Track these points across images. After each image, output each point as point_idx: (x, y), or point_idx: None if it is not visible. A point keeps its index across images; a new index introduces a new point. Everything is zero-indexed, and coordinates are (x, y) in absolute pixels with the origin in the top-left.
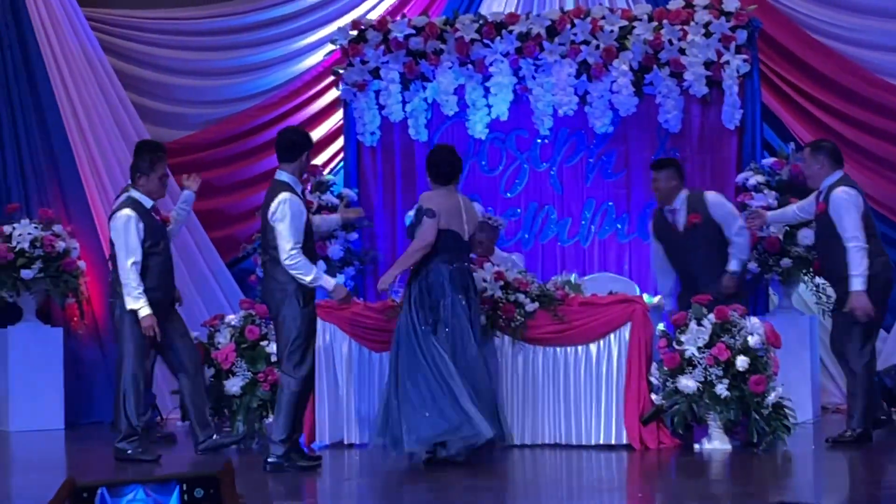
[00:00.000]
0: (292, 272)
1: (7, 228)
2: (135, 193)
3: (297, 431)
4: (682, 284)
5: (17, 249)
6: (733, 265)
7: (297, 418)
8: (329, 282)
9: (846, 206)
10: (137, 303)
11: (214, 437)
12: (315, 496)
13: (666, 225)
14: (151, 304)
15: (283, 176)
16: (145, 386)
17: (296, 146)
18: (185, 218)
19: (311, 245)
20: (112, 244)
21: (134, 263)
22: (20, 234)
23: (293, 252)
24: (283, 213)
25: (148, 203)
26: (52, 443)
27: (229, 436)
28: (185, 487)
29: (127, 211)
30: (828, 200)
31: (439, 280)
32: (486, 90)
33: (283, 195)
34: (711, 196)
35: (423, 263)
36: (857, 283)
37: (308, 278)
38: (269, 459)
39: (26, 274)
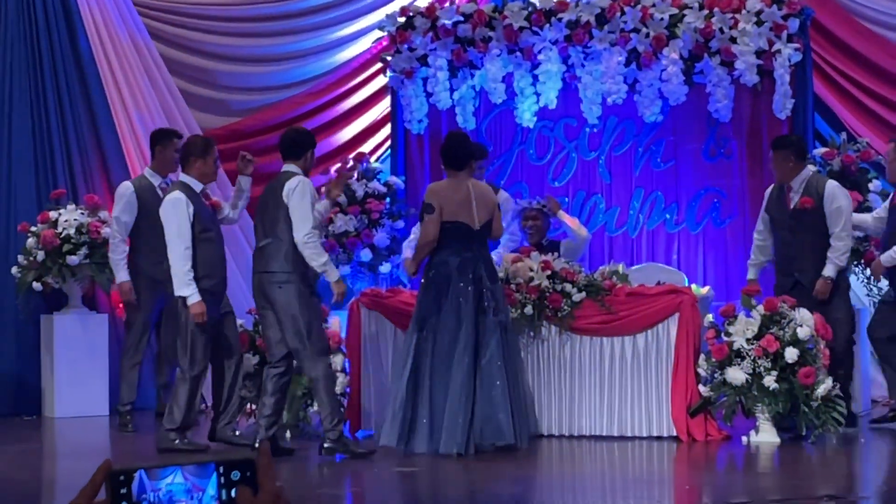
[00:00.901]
0: (307, 252)
1: (53, 214)
2: (185, 177)
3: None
4: (779, 266)
5: (63, 235)
6: (828, 270)
7: (339, 400)
8: (335, 272)
9: None
10: (188, 288)
11: (237, 432)
12: (360, 484)
13: (779, 201)
14: (203, 291)
15: (292, 168)
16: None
17: (299, 145)
18: (245, 202)
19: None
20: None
21: (186, 248)
22: (66, 221)
23: (312, 232)
24: (303, 193)
25: (198, 187)
26: (96, 429)
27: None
28: (222, 470)
29: (177, 193)
30: None
31: (446, 272)
32: (535, 78)
33: (299, 177)
34: (831, 186)
35: (431, 256)
36: None
37: (321, 260)
38: (326, 445)
39: (72, 260)
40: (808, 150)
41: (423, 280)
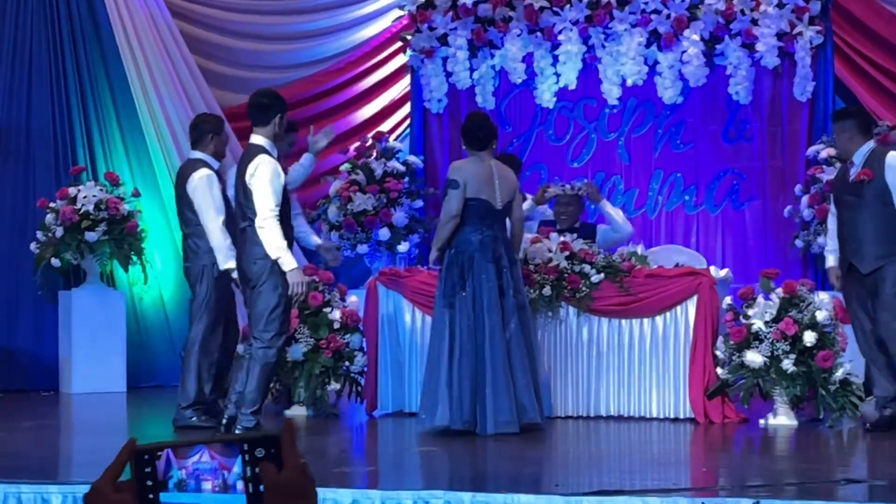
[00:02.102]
0: (261, 234)
1: (72, 191)
2: (201, 155)
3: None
4: (843, 247)
5: (81, 211)
6: None
7: (268, 389)
8: (290, 262)
9: None
10: (230, 262)
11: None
12: (375, 463)
13: (841, 177)
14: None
15: (258, 140)
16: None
17: (267, 108)
18: (302, 178)
19: (288, 220)
20: (184, 206)
21: (223, 222)
22: (85, 197)
23: (270, 214)
24: (262, 175)
25: (215, 164)
26: (113, 405)
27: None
28: (246, 448)
29: (205, 170)
30: None
31: (469, 250)
32: (555, 58)
33: (262, 156)
34: (892, 155)
35: (454, 234)
36: None
37: (274, 244)
38: (237, 430)
39: (90, 236)
40: (872, 123)
41: (445, 259)
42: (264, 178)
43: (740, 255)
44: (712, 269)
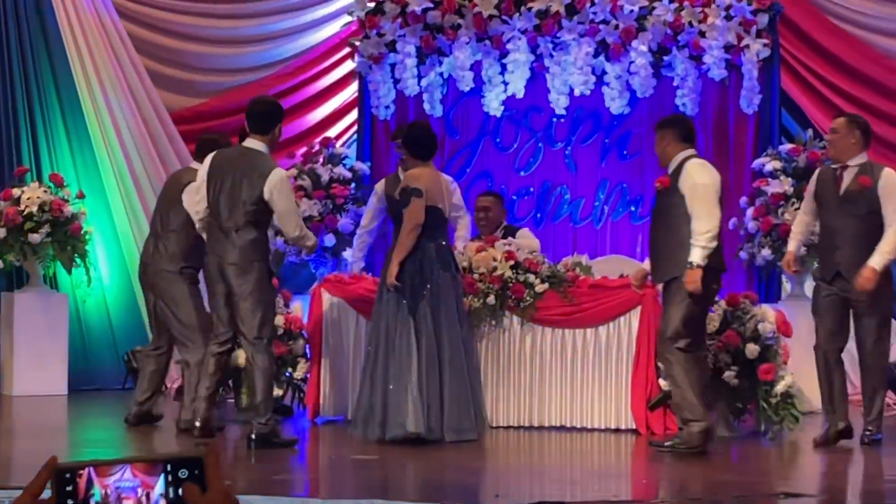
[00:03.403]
0: (301, 243)
1: (16, 191)
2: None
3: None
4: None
5: (25, 213)
6: (874, 260)
7: (272, 393)
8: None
9: None
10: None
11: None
12: (316, 471)
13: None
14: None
15: (259, 146)
16: None
17: (268, 118)
18: None
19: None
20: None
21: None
22: (29, 198)
23: (302, 223)
24: (287, 191)
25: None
26: (54, 409)
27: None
28: (170, 468)
29: (280, 169)
30: None
31: (427, 259)
32: (503, 67)
33: (279, 171)
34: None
35: (418, 251)
36: None
37: (311, 243)
38: (253, 436)
39: (34, 238)
40: (692, 132)
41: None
42: (290, 194)
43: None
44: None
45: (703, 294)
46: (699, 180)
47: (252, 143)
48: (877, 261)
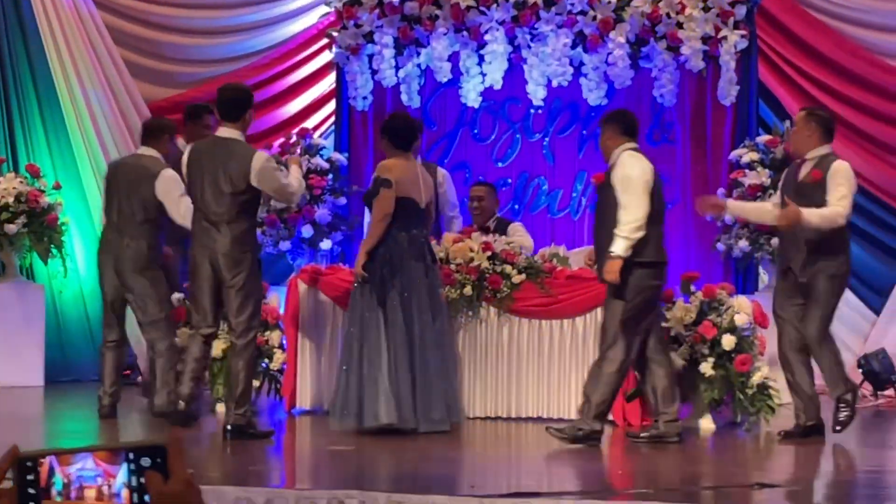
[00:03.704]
0: (296, 199)
1: None
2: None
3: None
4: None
5: (1, 203)
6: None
7: (251, 386)
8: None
9: None
10: None
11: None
12: (292, 461)
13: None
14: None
15: (233, 133)
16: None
17: (241, 103)
18: None
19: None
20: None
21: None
22: (5, 188)
23: (294, 188)
24: (272, 168)
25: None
26: (30, 400)
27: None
28: (132, 456)
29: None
30: None
31: (398, 249)
32: (481, 58)
33: (262, 153)
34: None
35: (388, 241)
36: None
37: (297, 186)
38: (229, 427)
39: (10, 229)
40: (634, 126)
41: (373, 258)
42: (275, 172)
43: None
44: None
45: (643, 289)
46: (627, 171)
47: (225, 131)
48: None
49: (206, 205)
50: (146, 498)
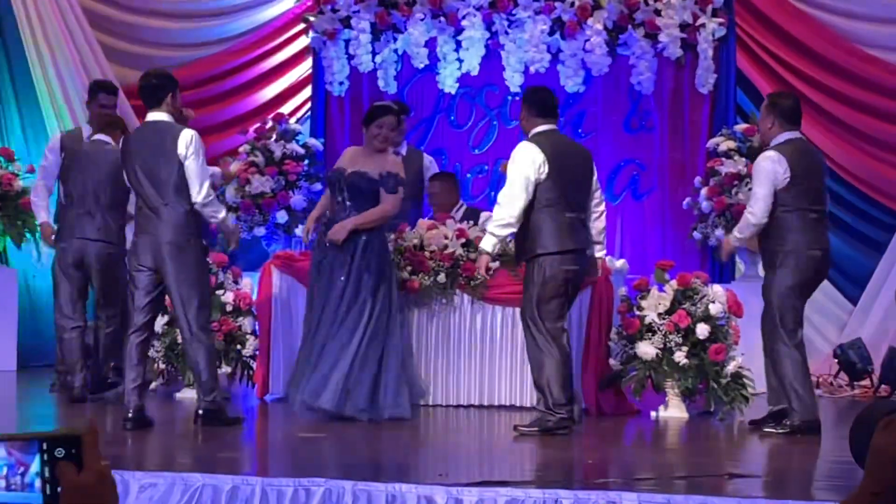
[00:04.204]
0: (209, 210)
1: None
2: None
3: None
4: None
5: None
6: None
7: (217, 372)
8: (231, 220)
9: None
10: None
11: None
12: (263, 448)
13: None
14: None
15: (163, 116)
16: None
17: (157, 89)
18: None
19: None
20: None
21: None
22: None
23: (210, 190)
24: (197, 149)
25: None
26: (3, 384)
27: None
28: (45, 447)
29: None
30: None
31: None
32: (458, 44)
33: (190, 130)
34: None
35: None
36: None
37: (222, 215)
38: (200, 412)
39: None
40: (551, 106)
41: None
42: (199, 154)
43: (638, 246)
44: (608, 259)
45: (550, 277)
46: (512, 164)
47: (153, 115)
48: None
49: (146, 192)
50: (59, 489)
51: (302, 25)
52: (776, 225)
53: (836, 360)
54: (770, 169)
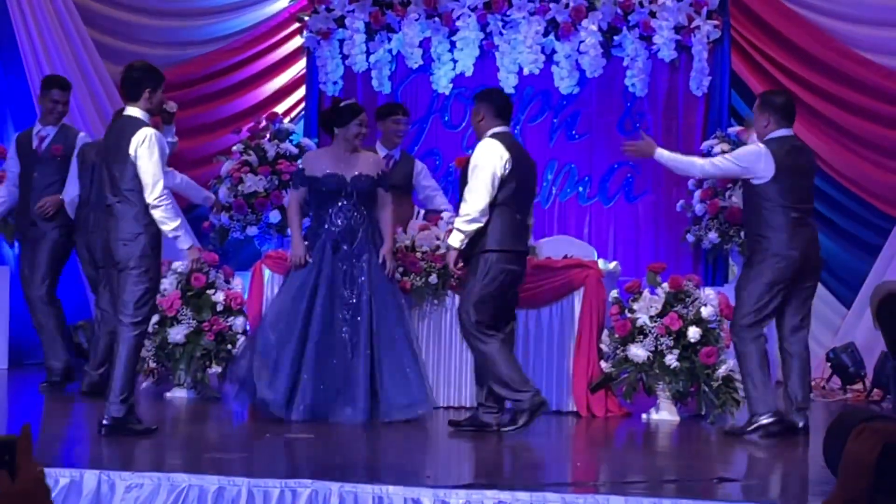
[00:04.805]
0: (158, 213)
1: None
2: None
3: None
4: None
5: None
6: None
7: (135, 376)
8: (187, 239)
9: None
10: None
11: None
12: (250, 449)
13: None
14: None
15: (135, 112)
16: None
17: (138, 82)
18: None
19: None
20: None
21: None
22: None
23: (165, 191)
24: (152, 148)
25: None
26: None
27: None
28: None
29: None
30: None
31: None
32: (452, 44)
33: (148, 129)
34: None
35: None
36: None
37: (172, 225)
38: (106, 422)
39: None
40: (507, 106)
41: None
42: (155, 153)
43: (632, 248)
44: (600, 261)
45: (494, 274)
46: (476, 161)
47: (127, 110)
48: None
49: (103, 187)
50: None
51: (296, 25)
52: (758, 220)
53: (829, 364)
54: (753, 155)
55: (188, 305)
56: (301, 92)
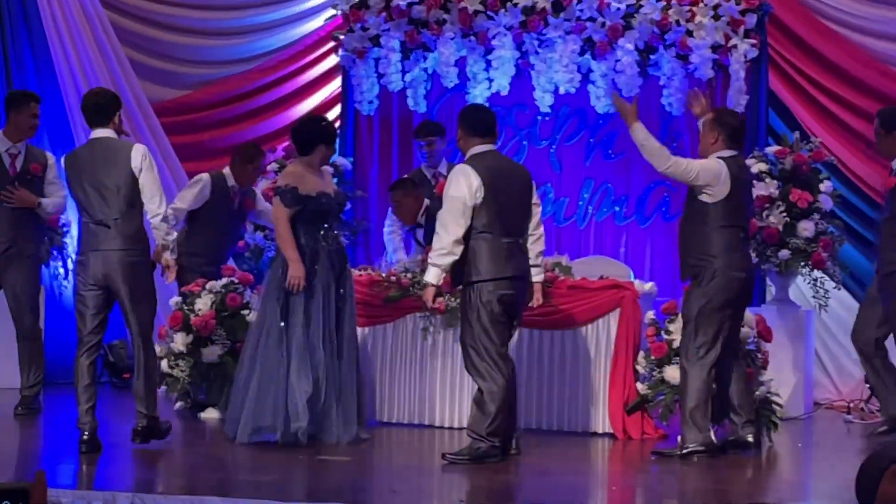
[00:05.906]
0: (164, 227)
1: None
2: None
3: None
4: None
5: None
6: None
7: None
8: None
9: None
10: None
11: None
12: (280, 472)
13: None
14: None
15: (108, 133)
16: None
17: (105, 108)
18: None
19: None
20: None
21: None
22: None
23: (165, 207)
24: (151, 163)
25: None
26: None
27: None
28: None
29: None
30: None
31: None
32: (488, 63)
33: (142, 147)
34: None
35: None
36: None
37: (173, 237)
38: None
39: None
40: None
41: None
42: (153, 169)
43: (669, 268)
44: (636, 282)
45: (487, 304)
46: (445, 191)
47: (100, 132)
48: None
49: (93, 208)
50: None
51: (331, 44)
52: (704, 239)
53: (868, 386)
54: (716, 170)
55: (222, 326)
56: (336, 111)
